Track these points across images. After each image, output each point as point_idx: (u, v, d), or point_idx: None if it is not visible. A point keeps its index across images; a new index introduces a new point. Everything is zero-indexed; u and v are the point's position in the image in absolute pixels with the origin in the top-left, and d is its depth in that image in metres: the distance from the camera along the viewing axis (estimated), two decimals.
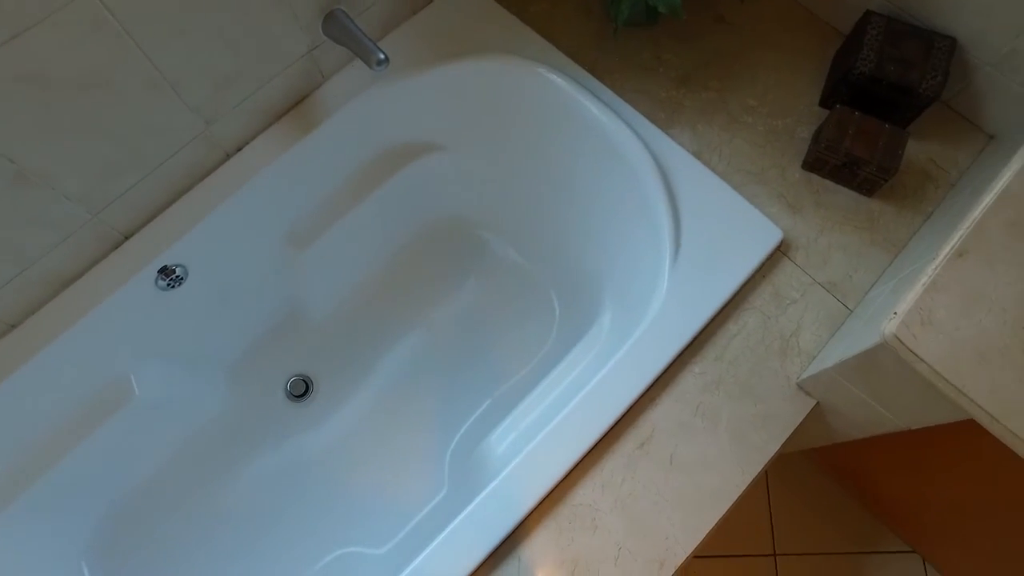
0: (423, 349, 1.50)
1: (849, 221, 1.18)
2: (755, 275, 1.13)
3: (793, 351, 1.09)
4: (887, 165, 1.12)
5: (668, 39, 1.31)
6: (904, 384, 0.88)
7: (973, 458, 0.99)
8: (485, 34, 1.29)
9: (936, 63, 1.15)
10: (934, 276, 0.81)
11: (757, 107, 1.26)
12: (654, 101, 1.26)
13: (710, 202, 1.14)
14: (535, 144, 1.36)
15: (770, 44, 1.32)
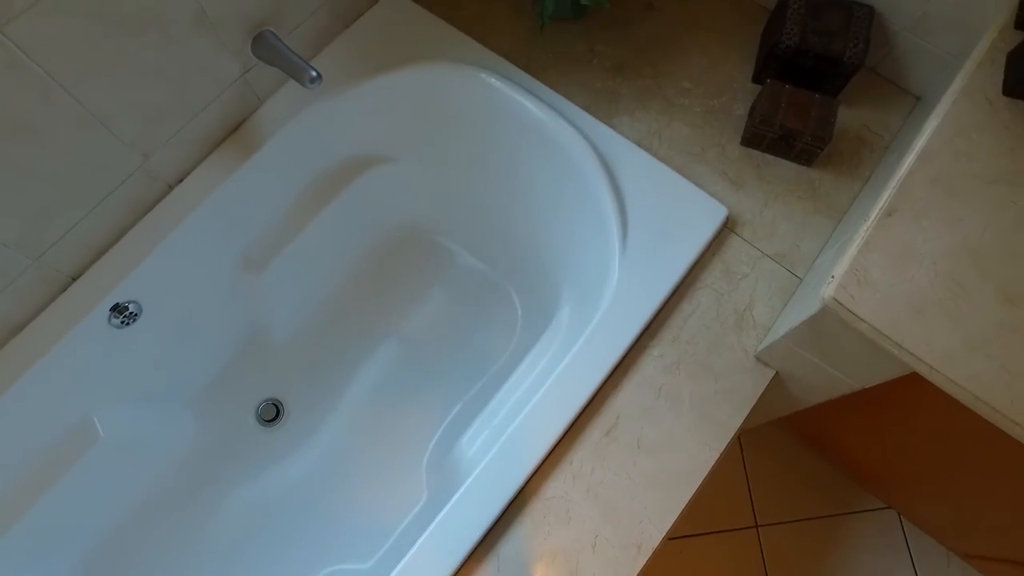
0: (391, 360, 1.50)
1: (791, 192, 1.20)
2: (704, 254, 1.15)
3: (748, 324, 1.11)
4: (821, 134, 1.15)
5: (599, 30, 1.33)
6: (850, 345, 0.90)
7: (925, 409, 1.01)
8: (419, 42, 1.29)
9: (857, 31, 1.18)
10: (866, 237, 0.83)
11: (692, 89, 1.28)
12: (591, 92, 1.27)
13: (654, 187, 1.16)
14: (480, 147, 1.37)
15: (700, 26, 1.34)
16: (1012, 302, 0.80)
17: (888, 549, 1.51)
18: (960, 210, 0.85)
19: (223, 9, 1.05)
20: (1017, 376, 0.77)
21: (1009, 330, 0.79)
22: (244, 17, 1.10)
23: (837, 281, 0.80)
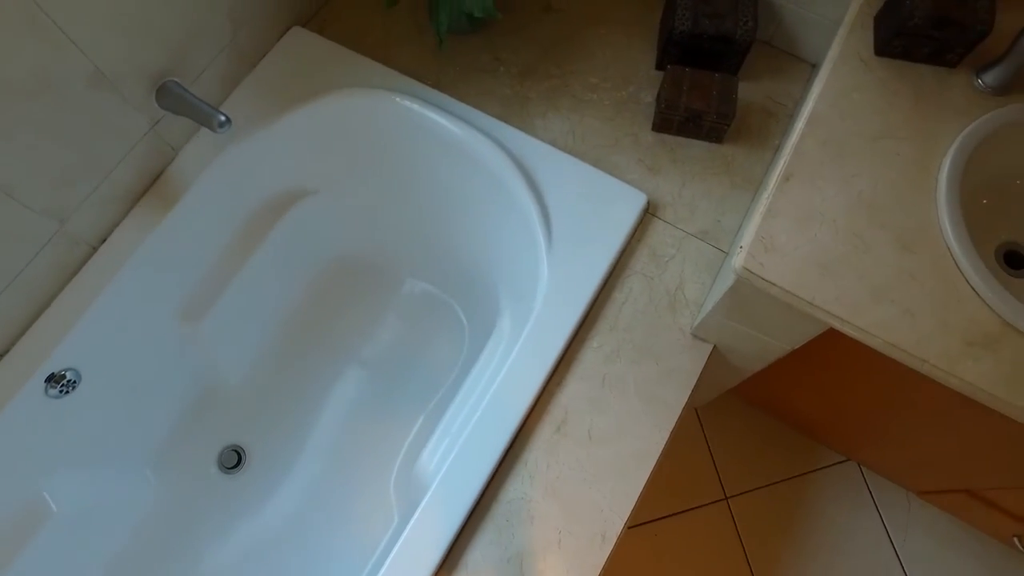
0: (348, 389, 1.49)
1: (707, 170, 1.24)
2: (630, 241, 1.17)
3: (681, 304, 1.14)
4: (725, 111, 1.19)
5: (502, 38, 1.35)
6: (771, 309, 0.93)
7: (854, 360, 1.05)
8: (328, 73, 1.30)
9: (744, 10, 1.22)
10: (768, 204, 0.87)
11: (600, 83, 1.31)
12: (502, 100, 1.30)
13: (573, 183, 1.18)
14: (403, 168, 1.38)
15: (600, 21, 1.37)
16: (908, 248, 0.85)
17: (853, 499, 1.55)
18: (851, 167, 0.89)
19: (120, 66, 1.05)
20: (919, 317, 0.81)
21: (908, 275, 0.83)
22: (143, 70, 1.09)
23: (746, 251, 0.83)
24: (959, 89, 0.95)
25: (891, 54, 0.96)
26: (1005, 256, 0.98)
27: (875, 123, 0.92)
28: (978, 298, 0.83)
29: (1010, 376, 0.79)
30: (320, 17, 1.40)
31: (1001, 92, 0.94)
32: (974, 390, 0.79)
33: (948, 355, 0.80)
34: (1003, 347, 0.80)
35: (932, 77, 0.96)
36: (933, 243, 0.85)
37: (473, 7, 1.14)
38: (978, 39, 0.91)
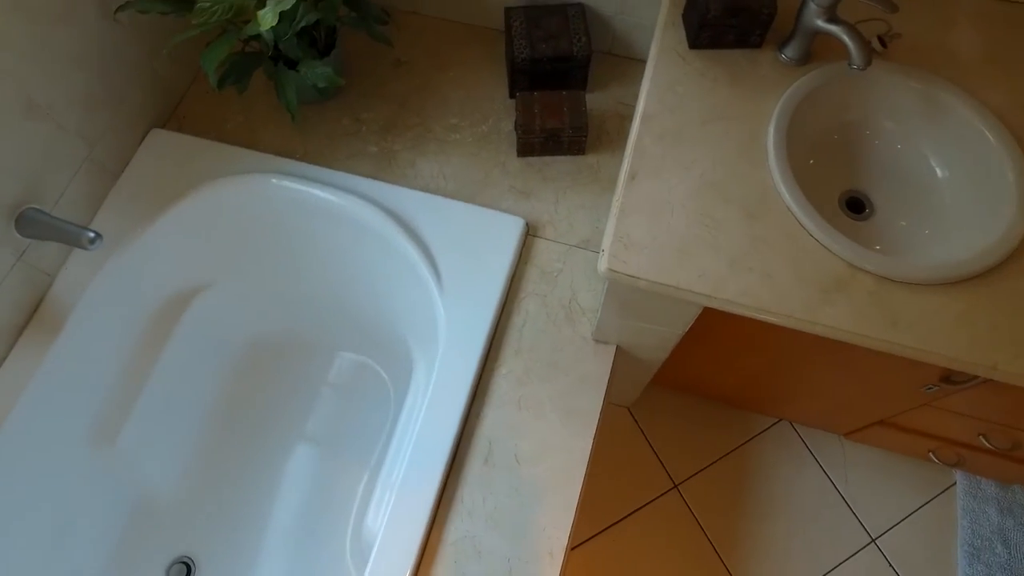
0: (301, 466, 1.47)
1: (577, 182, 1.30)
2: (518, 266, 1.21)
3: (578, 313, 1.18)
4: (578, 124, 1.25)
5: (359, 99, 1.39)
6: (648, 300, 0.98)
7: (740, 328, 1.11)
8: (196, 167, 1.31)
9: (576, 28, 1.30)
10: (620, 204, 0.92)
11: (459, 123, 1.36)
12: (370, 158, 1.33)
13: (451, 224, 1.22)
14: (293, 244, 1.39)
15: (449, 65, 1.43)
16: (754, 217, 0.91)
17: (792, 456, 1.62)
18: (689, 155, 0.95)
19: None
20: (777, 277, 0.87)
21: (760, 241, 0.90)
22: None
23: (607, 253, 0.88)
24: (768, 65, 1.03)
25: (702, 45, 1.04)
26: (848, 203, 1.07)
27: (702, 110, 0.99)
28: (823, 248, 0.89)
29: (863, 311, 0.86)
30: (178, 115, 1.40)
31: (802, 62, 1.03)
32: (837, 332, 0.86)
33: (808, 306, 0.86)
34: (853, 287, 0.87)
35: (743, 59, 1.04)
36: (775, 207, 0.92)
37: (316, 79, 1.17)
38: (769, 20, 1.00)
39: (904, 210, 1.04)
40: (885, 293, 0.88)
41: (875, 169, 1.07)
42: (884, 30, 1.06)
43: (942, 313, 0.87)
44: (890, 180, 1.06)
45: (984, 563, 1.53)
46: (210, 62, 1.11)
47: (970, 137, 0.99)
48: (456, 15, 1.47)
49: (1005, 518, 1.58)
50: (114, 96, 1.25)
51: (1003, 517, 1.58)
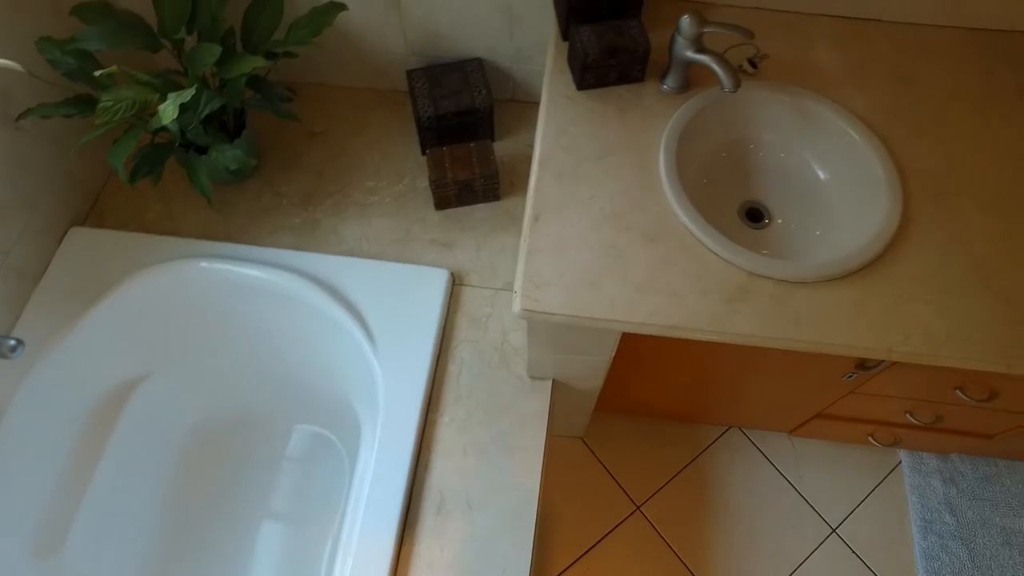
0: (270, 544, 1.44)
1: (495, 227, 1.34)
2: (448, 316, 1.24)
3: (511, 354, 1.21)
4: (488, 172, 1.30)
5: (277, 174, 1.42)
6: (568, 333, 1.02)
7: (663, 346, 1.16)
8: (121, 260, 1.30)
9: (475, 82, 1.36)
10: (527, 246, 0.96)
11: (377, 185, 1.40)
12: (293, 230, 1.35)
13: (379, 284, 1.24)
14: (228, 324, 1.40)
15: (361, 130, 1.47)
16: (654, 240, 0.96)
17: (746, 460, 1.67)
18: (588, 190, 1.01)
19: None
20: (683, 295, 0.92)
21: (663, 262, 0.95)
22: None
23: (520, 294, 0.92)
24: (652, 97, 1.10)
25: (589, 86, 1.11)
26: (747, 214, 1.13)
27: (595, 146, 1.05)
28: (723, 261, 0.95)
29: (767, 315, 0.91)
30: (97, 211, 1.41)
31: (683, 90, 1.10)
32: (745, 338, 0.91)
33: (716, 317, 0.91)
34: (755, 294, 0.93)
35: (628, 94, 1.11)
36: (673, 229, 0.98)
37: (228, 163, 1.19)
38: (645, 56, 1.07)
39: (797, 214, 1.11)
40: (785, 295, 0.94)
41: (766, 179, 1.14)
42: (754, 53, 1.15)
43: (839, 306, 0.93)
44: (781, 188, 1.13)
45: (936, 534, 1.59)
46: (118, 159, 1.12)
47: (841, 140, 1.08)
48: (362, 82, 1.52)
49: (949, 487, 1.65)
50: (26, 201, 1.25)
51: (947, 487, 1.65)
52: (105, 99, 1.09)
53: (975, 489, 1.65)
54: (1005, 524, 1.61)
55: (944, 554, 1.57)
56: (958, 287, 0.96)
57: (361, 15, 1.34)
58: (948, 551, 1.57)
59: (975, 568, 1.56)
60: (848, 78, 1.15)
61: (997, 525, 1.61)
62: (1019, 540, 1.59)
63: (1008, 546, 1.59)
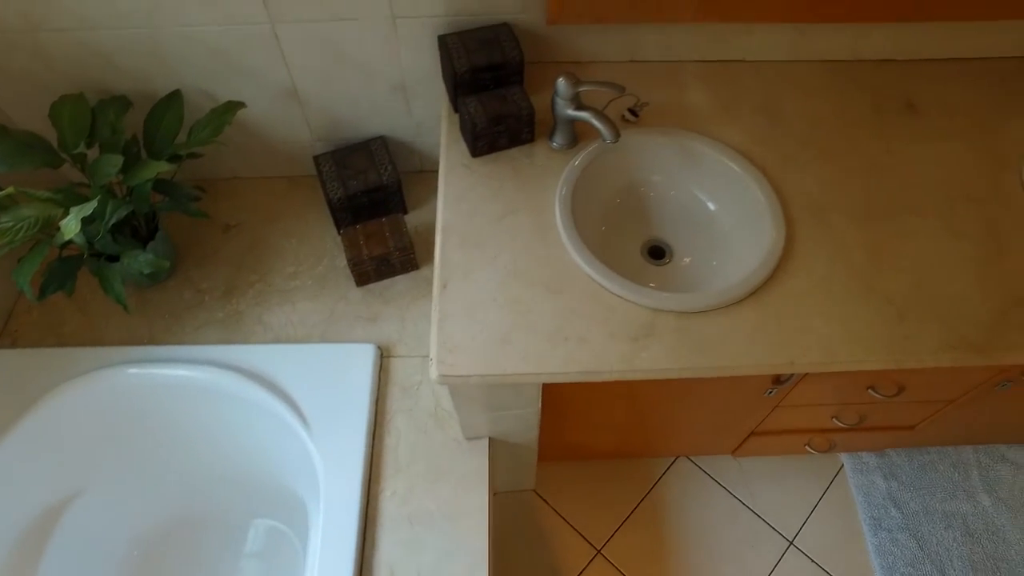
0: None
1: (417, 297, 1.37)
2: (379, 389, 1.26)
3: (445, 418, 1.23)
4: (402, 245, 1.34)
5: (195, 270, 1.42)
6: (490, 391, 1.05)
7: (584, 389, 1.19)
8: (38, 378, 1.28)
9: (380, 159, 1.41)
10: (439, 312, 0.99)
11: (297, 270, 1.42)
12: (218, 324, 1.35)
13: (308, 368, 1.25)
14: (160, 427, 1.37)
15: (277, 218, 1.50)
16: (559, 292, 1.01)
17: (698, 487, 1.70)
18: (491, 251, 1.05)
19: None
20: (592, 340, 0.96)
21: (569, 312, 0.99)
22: None
23: (435, 360, 0.94)
24: (543, 156, 1.17)
25: (482, 153, 1.16)
26: (651, 252, 1.19)
27: (494, 209, 1.10)
28: (626, 302, 1.00)
29: (673, 347, 0.96)
30: (9, 331, 1.38)
31: (572, 145, 1.17)
32: (656, 372, 0.95)
33: (625, 357, 0.95)
34: (659, 329, 0.98)
35: (521, 155, 1.17)
36: (576, 278, 1.02)
37: (141, 267, 1.20)
38: (531, 119, 1.14)
39: (694, 246, 1.18)
40: (688, 326, 0.99)
41: (663, 217, 1.21)
42: (634, 102, 1.24)
43: (740, 329, 0.99)
44: (677, 224, 1.20)
45: (885, 529, 1.64)
46: (23, 278, 1.12)
47: (723, 173, 1.16)
48: (272, 171, 1.55)
49: (890, 482, 1.71)
50: None
51: (888, 482, 1.71)
52: (4, 221, 1.09)
53: (913, 479, 1.72)
54: (944, 508, 1.68)
55: (895, 547, 1.62)
56: (844, 295, 1.03)
57: (262, 109, 1.38)
58: (898, 544, 1.62)
59: (925, 556, 1.61)
60: (722, 115, 1.24)
61: (938, 511, 1.67)
62: (959, 522, 1.66)
63: (950, 528, 1.65)
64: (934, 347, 0.99)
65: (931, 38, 1.32)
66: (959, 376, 1.21)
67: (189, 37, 1.21)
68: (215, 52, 1.24)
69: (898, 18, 1.22)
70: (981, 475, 1.73)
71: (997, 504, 1.69)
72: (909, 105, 1.29)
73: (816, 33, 1.29)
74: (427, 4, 1.18)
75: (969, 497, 1.70)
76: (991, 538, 1.64)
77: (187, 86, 1.30)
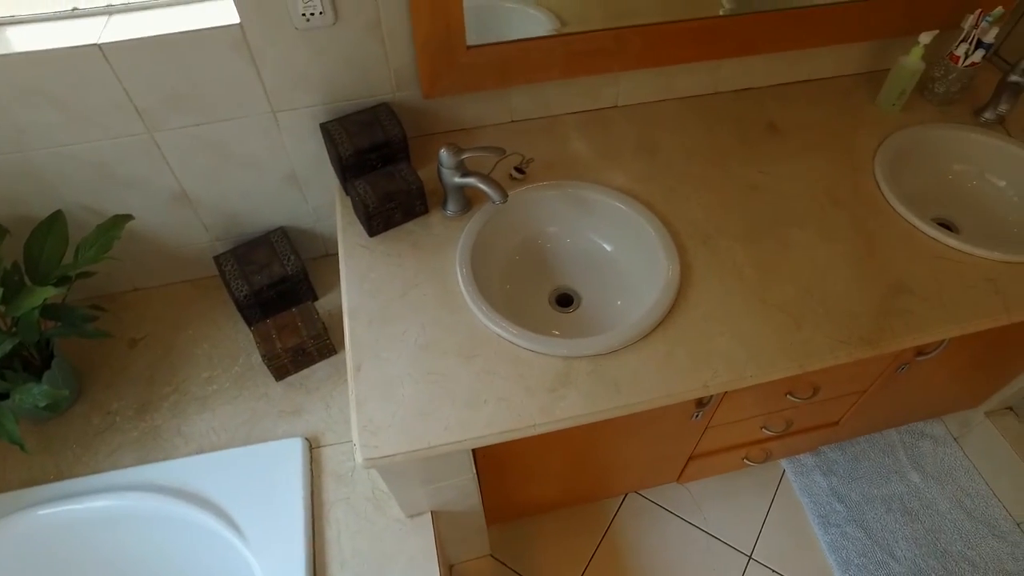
0: None
1: (339, 382, 1.36)
2: (313, 481, 1.22)
3: (384, 500, 1.20)
4: (315, 333, 1.33)
5: (102, 392, 1.36)
6: (420, 466, 1.04)
7: (518, 446, 1.19)
8: None
9: (283, 251, 1.41)
10: (355, 397, 0.98)
11: (213, 374, 1.38)
12: (134, 444, 1.29)
13: (235, 474, 1.21)
14: (84, 565, 1.29)
15: (185, 324, 1.46)
16: (472, 356, 1.02)
17: (653, 520, 1.71)
18: (400, 327, 1.06)
19: None
20: (511, 398, 0.97)
21: (485, 374, 1.00)
22: None
23: (358, 445, 0.93)
24: (439, 225, 1.19)
25: (379, 231, 1.18)
26: (559, 301, 1.23)
27: (397, 285, 1.11)
28: (539, 355, 1.02)
29: (590, 391, 0.98)
30: None
31: (465, 211, 1.21)
32: (577, 419, 0.97)
33: (545, 409, 0.97)
34: (574, 376, 1.00)
35: (417, 228, 1.19)
36: (486, 340, 1.04)
37: (36, 401, 1.14)
38: (421, 192, 1.17)
39: (598, 289, 1.22)
40: (601, 368, 1.01)
41: (564, 266, 1.25)
42: (519, 160, 1.28)
43: (651, 362, 1.02)
44: (579, 270, 1.24)
45: (834, 524, 1.69)
46: None
47: (612, 213, 1.21)
48: (174, 277, 1.52)
49: (830, 478, 1.77)
50: None
51: (828, 478, 1.77)
52: None
53: (850, 471, 1.79)
54: (881, 493, 1.75)
55: (846, 541, 1.67)
56: (742, 312, 1.08)
57: (153, 217, 1.36)
58: (848, 537, 1.67)
59: (873, 543, 1.66)
60: (604, 160, 1.30)
61: (877, 496, 1.74)
62: (896, 503, 1.73)
63: (891, 512, 1.71)
64: (830, 346, 1.05)
65: (776, 66, 1.43)
66: (861, 368, 1.28)
67: (64, 156, 1.19)
68: (94, 167, 1.23)
69: (726, 55, 1.33)
70: (907, 454, 1.82)
71: (926, 479, 1.77)
72: (771, 127, 1.39)
73: (675, 74, 1.38)
74: (305, 95, 1.20)
75: (901, 478, 1.77)
76: (927, 512, 1.72)
77: (69, 204, 1.28)
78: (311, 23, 1.09)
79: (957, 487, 1.76)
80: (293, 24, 1.09)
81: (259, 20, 1.07)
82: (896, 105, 1.40)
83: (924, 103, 1.45)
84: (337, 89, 1.21)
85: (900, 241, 1.19)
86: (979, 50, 1.33)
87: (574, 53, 1.24)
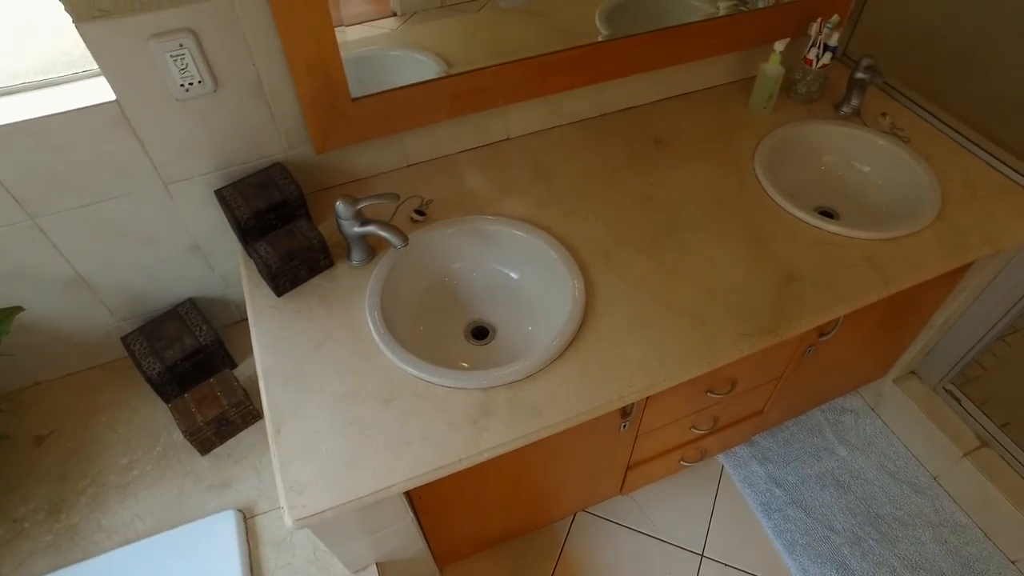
0: None
1: (267, 447, 1.33)
2: (251, 552, 1.19)
3: (327, 559, 1.18)
4: (237, 400, 1.30)
5: (6, 499, 1.28)
6: (356, 517, 1.03)
7: (455, 481, 1.20)
8: None
9: (193, 322, 1.38)
10: (279, 459, 0.97)
11: (132, 459, 1.33)
12: (47, 549, 1.22)
13: (167, 560, 1.16)
14: None
15: (96, 410, 1.40)
16: (391, 399, 1.02)
17: (604, 535, 1.73)
18: (317, 382, 1.05)
19: None
20: (434, 436, 0.98)
21: (406, 416, 1.00)
22: None
23: (286, 507, 0.92)
24: (346, 276, 1.20)
25: (286, 290, 1.18)
26: (474, 334, 1.24)
27: (310, 340, 1.11)
28: (456, 390, 1.03)
29: (512, 419, 1.00)
30: None
31: (370, 259, 1.22)
32: (503, 447, 0.98)
33: (470, 442, 0.98)
34: (494, 406, 1.01)
35: (325, 281, 1.19)
36: (402, 382, 1.04)
37: None
38: (323, 247, 1.17)
39: (510, 318, 1.24)
40: (520, 394, 1.03)
41: (475, 299, 1.27)
42: (419, 203, 1.31)
43: (567, 381, 1.05)
44: (490, 301, 1.27)
45: (776, 510, 1.75)
46: None
47: (512, 241, 1.25)
48: (80, 365, 1.46)
49: (766, 466, 1.84)
50: None
51: (764, 466, 1.84)
52: None
53: (783, 456, 1.86)
54: (815, 471, 1.82)
55: (788, 523, 1.73)
56: (650, 319, 1.13)
57: (48, 306, 1.31)
58: (789, 519, 1.73)
59: (814, 520, 1.73)
60: (501, 191, 1.34)
61: (811, 475, 1.82)
62: (829, 479, 1.81)
63: (825, 488, 1.79)
64: (735, 340, 1.10)
65: (656, 83, 1.52)
66: (770, 356, 1.35)
67: None
68: None
69: (606, 78, 1.40)
70: (832, 430, 1.91)
71: (852, 451, 1.86)
72: (657, 141, 1.46)
73: (561, 101, 1.44)
74: (195, 164, 1.20)
75: (830, 454, 1.86)
76: (857, 482, 1.80)
77: None
78: (191, 93, 1.09)
79: (880, 454, 1.86)
80: (173, 96, 1.08)
81: (137, 95, 1.06)
82: (767, 108, 1.51)
83: (791, 103, 1.56)
84: (228, 154, 1.21)
85: (786, 232, 1.27)
86: (827, 53, 1.44)
87: (459, 92, 1.28)
